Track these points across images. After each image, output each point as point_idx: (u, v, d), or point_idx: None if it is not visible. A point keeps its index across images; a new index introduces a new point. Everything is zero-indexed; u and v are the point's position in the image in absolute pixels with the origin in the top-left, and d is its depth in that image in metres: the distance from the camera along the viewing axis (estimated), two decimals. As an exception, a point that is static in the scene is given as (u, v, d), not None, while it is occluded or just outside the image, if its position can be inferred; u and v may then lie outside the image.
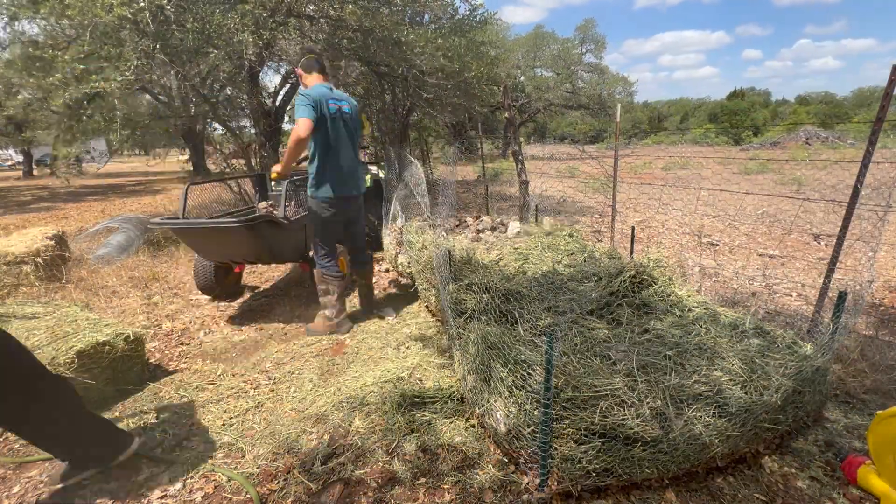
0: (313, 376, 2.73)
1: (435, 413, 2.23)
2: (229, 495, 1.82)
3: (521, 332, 2.23)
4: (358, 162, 3.30)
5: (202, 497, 1.82)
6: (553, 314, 2.44)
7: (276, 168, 3.12)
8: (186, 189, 3.77)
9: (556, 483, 1.66)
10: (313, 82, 3.08)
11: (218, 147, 9.08)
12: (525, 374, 1.85)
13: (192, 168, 17.17)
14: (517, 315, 2.41)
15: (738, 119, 48.52)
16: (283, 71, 8.81)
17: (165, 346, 3.24)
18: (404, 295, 4.10)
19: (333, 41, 6.58)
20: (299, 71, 3.16)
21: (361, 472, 1.90)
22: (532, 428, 1.70)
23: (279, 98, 8.72)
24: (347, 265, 3.75)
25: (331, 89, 3.09)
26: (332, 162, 3.10)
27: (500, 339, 2.12)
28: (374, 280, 3.97)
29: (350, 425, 2.21)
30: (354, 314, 3.71)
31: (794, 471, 1.86)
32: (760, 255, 5.24)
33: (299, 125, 2.83)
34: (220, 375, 2.79)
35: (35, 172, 21.82)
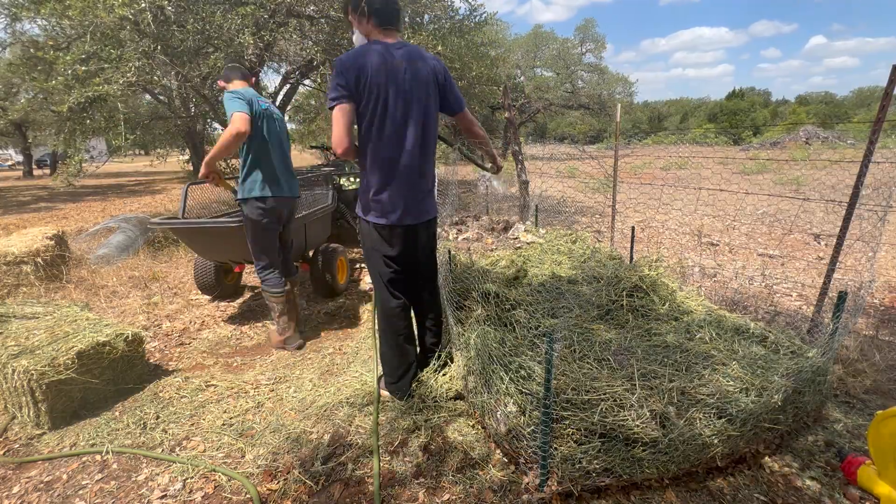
0: (313, 376, 2.73)
1: (435, 413, 2.23)
2: (229, 495, 1.82)
3: (522, 334, 2.23)
4: (290, 164, 3.11)
5: (202, 497, 1.82)
6: (553, 317, 2.44)
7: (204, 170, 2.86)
8: (186, 189, 3.78)
9: (556, 483, 1.66)
10: (237, 87, 2.90)
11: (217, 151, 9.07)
12: (525, 375, 1.85)
13: (191, 168, 17.18)
14: (517, 317, 2.41)
15: (738, 119, 48.57)
16: (283, 71, 8.82)
17: (165, 346, 3.24)
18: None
19: (334, 41, 6.59)
20: (221, 83, 3.00)
21: (361, 472, 1.90)
22: (532, 428, 1.70)
23: (279, 98, 8.72)
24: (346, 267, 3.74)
25: (253, 92, 2.96)
26: (266, 160, 2.92)
27: (500, 341, 2.12)
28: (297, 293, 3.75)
29: (350, 425, 2.21)
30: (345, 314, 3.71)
31: (794, 471, 1.86)
32: (760, 255, 5.24)
33: (236, 119, 2.61)
34: (220, 375, 2.79)
35: (35, 172, 21.85)
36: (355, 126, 2.04)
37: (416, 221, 2.15)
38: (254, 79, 3.09)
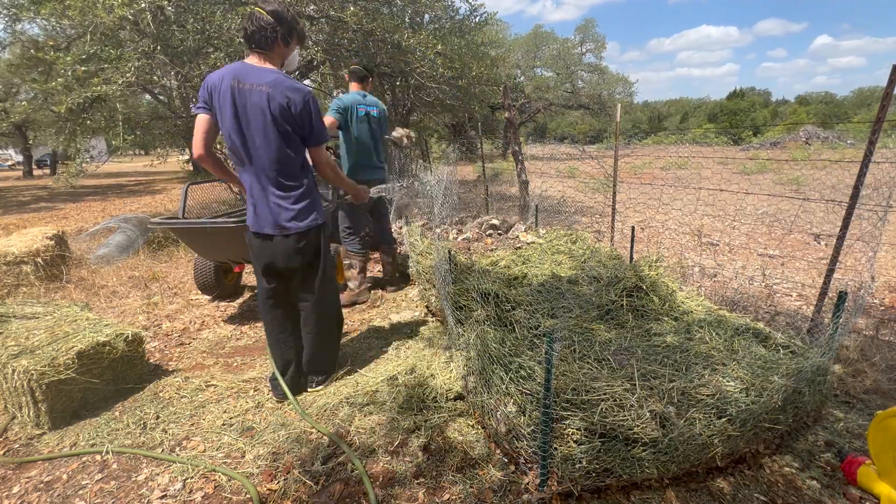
0: (313, 376, 2.73)
1: (435, 413, 2.23)
2: (229, 495, 1.82)
3: (522, 334, 2.23)
4: (381, 157, 3.93)
5: (202, 497, 1.82)
6: (553, 317, 2.44)
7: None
8: (186, 189, 3.77)
9: (556, 483, 1.66)
10: (352, 89, 3.79)
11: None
12: (525, 375, 1.85)
13: (192, 168, 17.19)
14: (517, 317, 2.41)
15: (738, 119, 48.59)
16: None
17: (165, 346, 3.24)
18: (404, 294, 4.10)
19: (334, 41, 6.59)
20: (347, 77, 3.87)
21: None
22: (532, 428, 1.70)
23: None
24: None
25: (364, 96, 3.76)
26: (358, 156, 3.76)
27: (500, 341, 2.12)
28: (394, 259, 4.34)
29: (350, 425, 2.21)
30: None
31: (794, 471, 1.86)
32: (760, 255, 5.24)
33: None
34: (220, 375, 2.79)
35: (35, 172, 21.85)
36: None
37: (273, 232, 2.27)
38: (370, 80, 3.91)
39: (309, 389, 2.55)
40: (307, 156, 2.31)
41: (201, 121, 2.17)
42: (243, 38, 2.18)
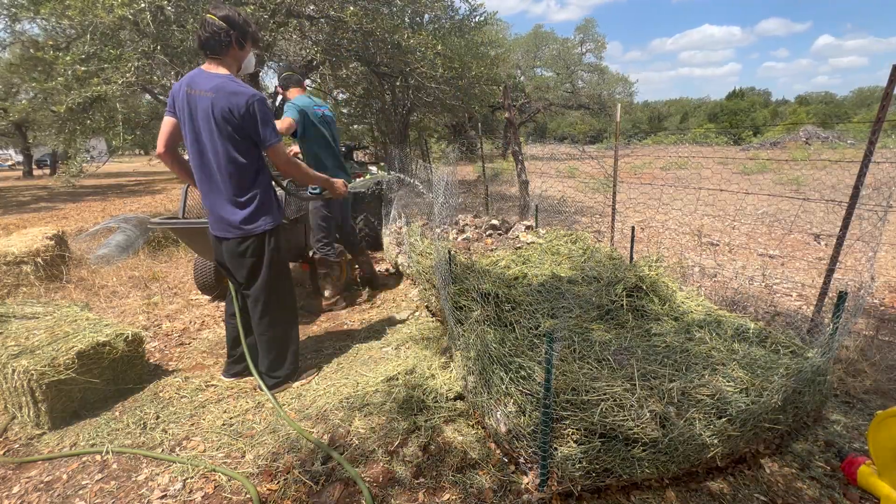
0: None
1: (435, 413, 2.23)
2: (229, 495, 1.82)
3: (521, 334, 2.23)
4: (341, 160, 3.69)
5: (202, 497, 1.82)
6: (553, 317, 2.44)
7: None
8: (186, 189, 3.77)
9: (556, 483, 1.66)
10: (295, 94, 3.53)
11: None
12: (525, 375, 1.85)
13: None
14: (517, 317, 2.41)
15: (738, 119, 48.61)
16: (283, 71, 8.80)
17: (165, 346, 3.24)
18: (404, 294, 4.10)
19: (334, 41, 6.59)
20: (279, 88, 3.63)
21: (361, 471, 1.90)
22: (532, 428, 1.70)
23: (279, 98, 8.73)
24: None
25: (311, 97, 3.55)
26: (319, 159, 3.50)
27: (500, 341, 2.12)
28: (368, 259, 4.24)
29: (350, 425, 2.21)
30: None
31: (794, 471, 1.86)
32: (760, 255, 5.24)
33: (282, 122, 3.26)
34: (220, 375, 2.79)
35: (35, 172, 21.84)
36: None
37: (220, 235, 2.39)
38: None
39: (261, 390, 2.54)
40: (263, 160, 2.35)
41: (165, 122, 2.28)
42: (198, 45, 2.21)
